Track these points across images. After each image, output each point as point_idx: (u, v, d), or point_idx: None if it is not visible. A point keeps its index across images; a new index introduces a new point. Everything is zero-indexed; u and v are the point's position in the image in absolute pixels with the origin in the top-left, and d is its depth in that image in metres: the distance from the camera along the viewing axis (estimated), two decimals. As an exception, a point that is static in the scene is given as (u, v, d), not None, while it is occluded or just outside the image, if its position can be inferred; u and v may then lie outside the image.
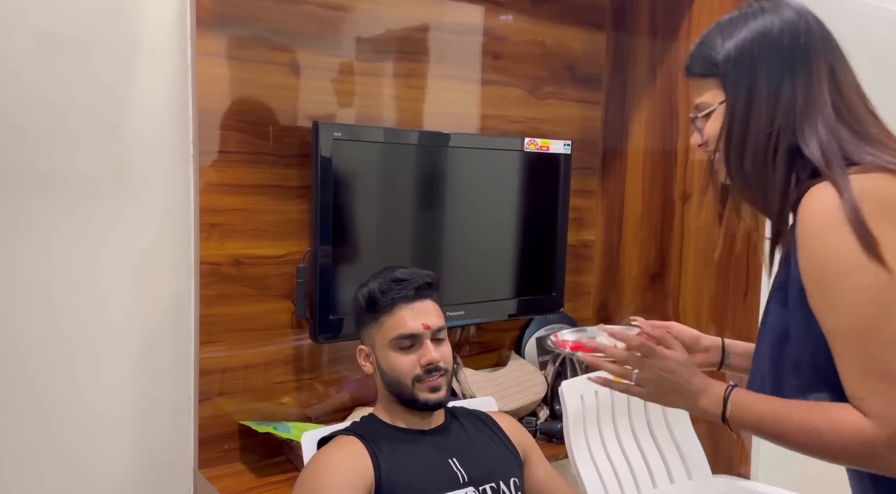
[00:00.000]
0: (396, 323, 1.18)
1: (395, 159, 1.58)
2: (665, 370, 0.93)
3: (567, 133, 1.96)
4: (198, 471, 1.43)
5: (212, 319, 1.43)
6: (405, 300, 1.19)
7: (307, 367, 1.58)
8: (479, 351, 1.90)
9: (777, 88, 0.87)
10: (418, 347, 1.18)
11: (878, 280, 0.77)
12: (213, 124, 1.41)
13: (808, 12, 0.90)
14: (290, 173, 1.50)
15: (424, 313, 1.20)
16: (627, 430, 1.63)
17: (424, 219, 1.65)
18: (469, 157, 1.69)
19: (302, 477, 1.12)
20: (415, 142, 1.62)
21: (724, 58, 0.90)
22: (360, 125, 1.56)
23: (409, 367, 1.18)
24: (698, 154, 1.78)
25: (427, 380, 1.17)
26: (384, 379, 1.21)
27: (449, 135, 1.68)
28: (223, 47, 1.41)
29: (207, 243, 1.41)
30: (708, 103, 0.93)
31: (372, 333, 1.22)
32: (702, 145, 0.96)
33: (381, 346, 1.20)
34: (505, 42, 1.82)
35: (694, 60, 0.95)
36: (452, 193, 1.69)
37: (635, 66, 1.92)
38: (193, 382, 1.43)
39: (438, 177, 1.67)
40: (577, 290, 2.06)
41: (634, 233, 1.95)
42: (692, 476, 1.64)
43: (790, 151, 0.86)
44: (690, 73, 0.96)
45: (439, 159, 1.66)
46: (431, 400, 1.18)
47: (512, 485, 1.21)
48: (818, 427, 0.80)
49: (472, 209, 1.71)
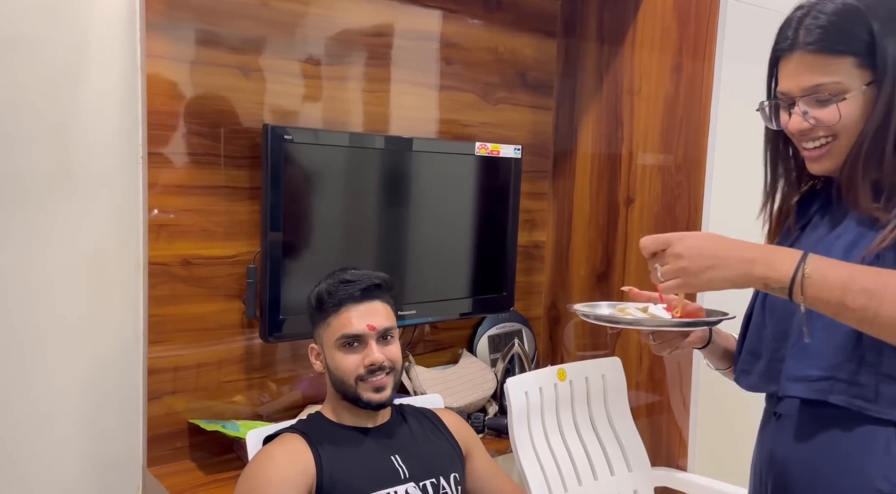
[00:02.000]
0: (341, 324, 1.21)
1: (346, 162, 1.61)
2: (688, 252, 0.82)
3: (519, 137, 2.01)
4: (146, 469, 1.44)
5: (161, 319, 1.44)
6: (352, 300, 1.22)
7: (258, 366, 1.60)
8: (432, 349, 1.95)
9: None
10: (362, 347, 1.21)
11: None
12: (163, 126, 1.43)
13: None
14: (241, 175, 1.52)
15: (371, 314, 1.23)
16: (571, 425, 1.69)
17: (376, 220, 1.69)
18: (421, 161, 1.73)
19: (244, 475, 1.15)
20: (367, 146, 1.65)
21: (879, 35, 0.82)
22: (310, 128, 1.59)
23: (352, 367, 1.21)
24: (641, 159, 1.85)
25: (370, 380, 1.20)
26: (331, 377, 1.24)
27: (400, 138, 1.71)
28: (173, 49, 1.42)
29: (156, 243, 1.43)
30: (843, 86, 0.85)
31: (321, 332, 1.25)
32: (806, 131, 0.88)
33: (329, 346, 1.23)
34: (457, 48, 1.86)
35: (829, 34, 0.84)
36: (405, 196, 1.72)
37: (584, 72, 1.98)
38: (142, 381, 1.45)
39: (391, 180, 1.70)
40: (529, 290, 2.12)
41: (583, 235, 2.01)
42: (632, 468, 1.70)
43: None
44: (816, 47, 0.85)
45: (391, 162, 1.69)
46: (374, 400, 1.21)
47: (452, 480, 1.26)
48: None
49: (425, 211, 1.75)
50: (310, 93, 1.62)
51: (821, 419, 0.88)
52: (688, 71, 1.71)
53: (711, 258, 0.82)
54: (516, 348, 1.91)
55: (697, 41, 1.69)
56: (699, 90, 1.69)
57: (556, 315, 2.11)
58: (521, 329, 2.08)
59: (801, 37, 0.86)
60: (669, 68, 1.75)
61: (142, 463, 1.45)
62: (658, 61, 1.78)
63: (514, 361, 1.90)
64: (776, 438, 0.94)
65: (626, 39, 1.86)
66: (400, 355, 1.26)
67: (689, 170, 1.72)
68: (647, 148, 1.83)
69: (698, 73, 1.69)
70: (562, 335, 2.09)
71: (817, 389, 0.87)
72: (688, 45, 1.71)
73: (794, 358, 0.90)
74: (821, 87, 0.86)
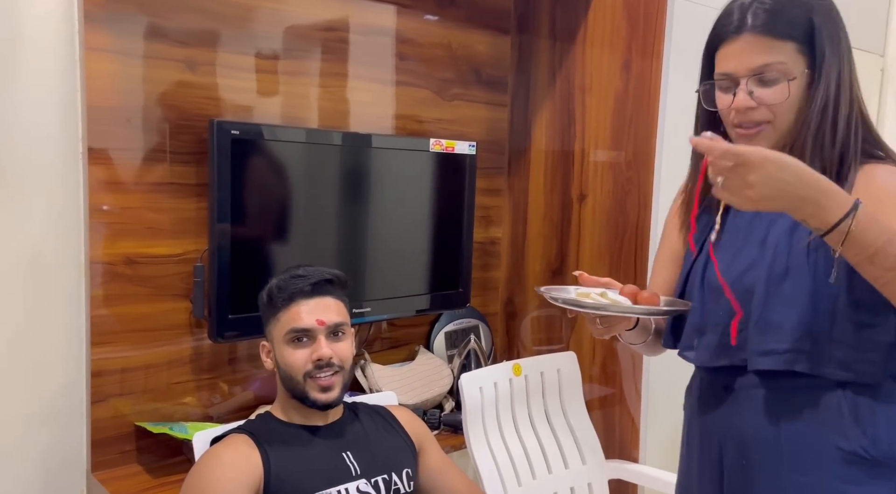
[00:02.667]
0: (290, 318, 1.20)
1: (296, 158, 1.59)
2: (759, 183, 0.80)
3: (475, 134, 2.01)
4: (90, 474, 1.40)
5: (104, 319, 1.40)
6: (302, 295, 1.20)
7: (208, 367, 1.57)
8: (389, 346, 1.94)
9: (851, 65, 0.90)
10: (311, 343, 1.20)
11: None
12: (104, 121, 1.39)
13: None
14: (188, 171, 1.49)
15: (321, 309, 1.21)
16: (526, 419, 1.70)
17: (330, 218, 1.67)
18: (375, 157, 1.72)
19: (189, 476, 1.13)
20: (318, 141, 1.63)
21: (819, 25, 0.88)
22: (258, 123, 1.56)
23: (301, 363, 1.19)
24: (593, 156, 1.87)
25: (318, 377, 1.19)
26: (280, 374, 1.22)
27: (353, 134, 1.70)
28: (114, 42, 1.38)
29: (98, 242, 1.39)
30: (785, 68, 0.90)
31: (271, 329, 1.23)
32: (750, 109, 0.92)
33: (278, 341, 1.21)
34: (411, 44, 1.86)
35: (774, 17, 0.90)
36: (358, 192, 1.71)
37: (537, 70, 1.99)
38: (86, 383, 1.41)
39: (343, 177, 1.69)
40: (486, 285, 2.13)
41: (538, 231, 2.03)
42: (586, 461, 1.72)
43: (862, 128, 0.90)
44: (763, 29, 0.90)
45: (343, 158, 1.68)
46: (321, 400, 1.19)
47: (404, 476, 1.25)
48: None
49: (380, 208, 1.74)
50: (260, 89, 1.60)
51: (782, 389, 0.94)
52: (637, 68, 1.74)
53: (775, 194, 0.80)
54: (472, 344, 1.92)
55: (646, 39, 1.71)
56: (648, 88, 1.71)
57: (512, 310, 2.12)
58: (478, 325, 2.09)
59: (749, 20, 0.91)
60: (619, 66, 1.78)
61: (86, 468, 1.42)
62: (608, 59, 1.80)
63: (470, 357, 1.91)
64: (733, 410, 0.99)
65: (577, 37, 1.87)
66: (350, 354, 1.24)
67: (638, 166, 1.75)
68: (598, 144, 1.85)
69: (647, 71, 1.71)
70: (518, 330, 2.11)
71: (785, 360, 0.92)
72: (637, 43, 1.73)
73: (758, 333, 0.94)
74: (768, 67, 0.90)
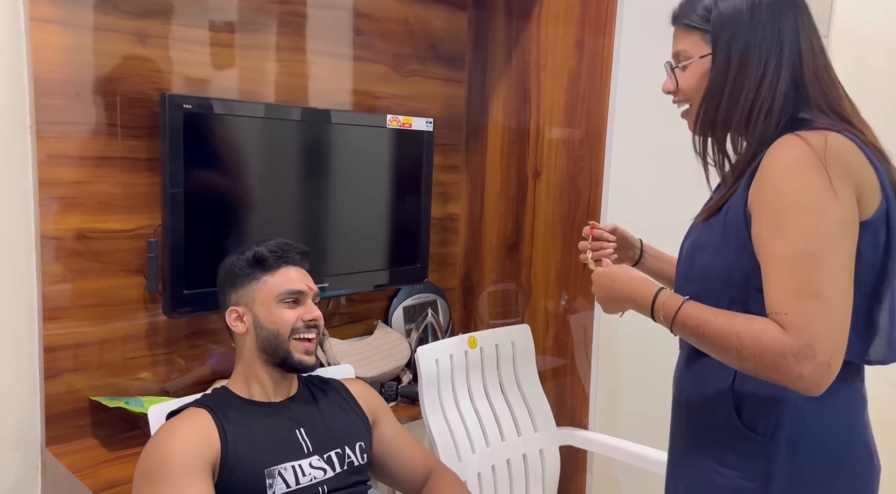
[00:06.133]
0: (285, 281, 1.26)
1: (250, 132, 1.59)
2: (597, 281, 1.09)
3: (432, 110, 2.03)
4: (45, 448, 1.41)
5: (56, 295, 1.40)
6: (292, 261, 1.29)
7: (164, 342, 1.58)
8: (348, 321, 1.96)
9: (768, 52, 0.94)
10: (301, 305, 1.27)
11: (836, 217, 0.88)
12: (52, 94, 1.37)
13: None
14: (139, 145, 1.48)
15: (307, 277, 1.30)
16: (480, 390, 1.75)
17: (284, 193, 1.67)
18: (332, 132, 1.72)
19: (146, 449, 1.14)
20: (273, 116, 1.62)
21: (716, 15, 0.96)
22: (211, 97, 1.55)
23: (292, 319, 1.25)
24: (548, 133, 1.91)
25: (305, 337, 1.25)
26: (260, 335, 1.25)
27: (306, 109, 1.70)
28: (60, 13, 1.36)
29: (48, 217, 1.37)
30: (688, 54, 1.00)
31: (251, 292, 1.26)
32: (670, 92, 1.04)
33: (264, 303, 1.25)
34: (368, 18, 1.85)
35: (685, 11, 1.00)
36: (315, 168, 1.72)
37: (494, 46, 2.01)
38: (38, 359, 1.40)
39: (298, 152, 1.69)
40: (444, 261, 2.16)
41: (494, 207, 2.06)
42: (538, 428, 1.79)
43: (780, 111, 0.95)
44: (678, 21, 1.01)
45: (298, 133, 1.68)
46: (304, 362, 1.25)
47: (357, 449, 1.29)
48: (739, 331, 0.89)
49: (337, 184, 1.75)
50: (214, 62, 1.58)
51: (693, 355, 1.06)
52: (589, 46, 1.77)
53: (608, 298, 1.08)
54: (430, 318, 1.96)
55: (598, 17, 1.74)
56: (600, 65, 1.75)
57: (469, 285, 2.16)
58: (436, 299, 2.12)
59: (674, 11, 1.04)
60: (573, 44, 1.80)
61: (41, 442, 1.42)
62: (563, 36, 1.83)
63: (427, 331, 1.95)
64: (676, 368, 1.12)
65: (532, 13, 1.89)
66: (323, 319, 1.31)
67: (591, 143, 1.79)
68: (553, 122, 1.88)
69: (599, 49, 1.74)
70: (476, 304, 2.15)
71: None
72: (589, 21, 1.76)
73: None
74: (677, 55, 1.02)
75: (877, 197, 0.92)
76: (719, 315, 0.92)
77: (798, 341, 0.85)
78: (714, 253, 0.98)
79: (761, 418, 0.96)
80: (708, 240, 1.00)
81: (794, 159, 0.89)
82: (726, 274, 0.96)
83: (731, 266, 0.96)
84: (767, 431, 0.96)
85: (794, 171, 0.89)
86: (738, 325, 0.89)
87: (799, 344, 0.85)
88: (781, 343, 0.86)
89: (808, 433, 0.95)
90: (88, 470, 1.35)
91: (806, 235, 0.87)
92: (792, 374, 0.85)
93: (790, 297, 0.87)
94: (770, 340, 0.86)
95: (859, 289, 0.91)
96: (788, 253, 0.88)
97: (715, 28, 0.97)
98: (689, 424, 1.06)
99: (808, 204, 0.88)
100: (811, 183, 0.88)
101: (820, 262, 0.87)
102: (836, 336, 0.86)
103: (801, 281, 0.87)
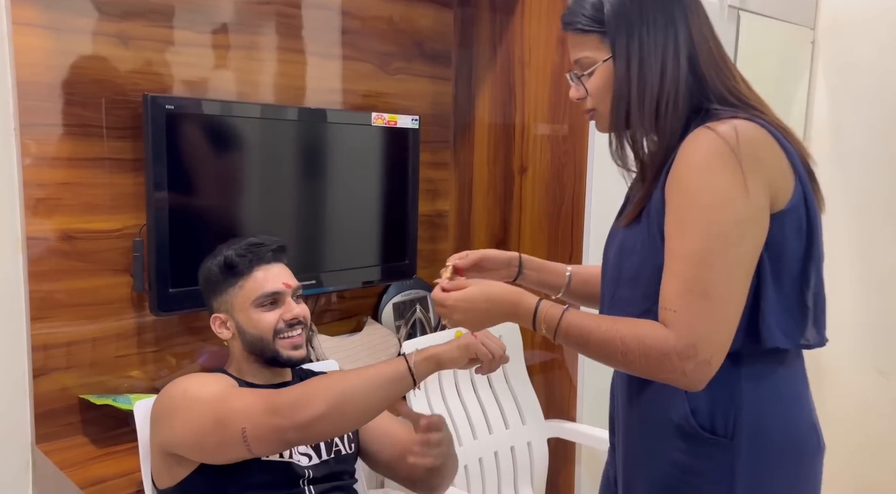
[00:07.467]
0: (258, 284, 1.23)
1: (233, 132, 1.60)
2: (463, 305, 1.00)
3: (420, 108, 2.04)
4: (35, 446, 1.43)
5: (43, 295, 1.42)
6: (264, 262, 1.25)
7: (153, 340, 1.59)
8: (338, 317, 1.98)
9: (664, 45, 0.93)
10: (280, 305, 1.25)
11: (735, 216, 0.87)
12: (36, 96, 1.38)
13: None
14: (124, 146, 1.50)
15: (284, 274, 1.27)
16: (468, 384, 1.76)
17: (268, 191, 1.69)
18: (315, 130, 1.74)
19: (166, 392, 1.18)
20: (255, 116, 1.64)
21: (608, 15, 0.94)
22: (194, 97, 1.57)
23: (271, 323, 1.23)
24: (533, 129, 1.92)
25: (289, 336, 1.24)
26: (245, 340, 1.25)
27: (291, 108, 1.71)
28: (43, 17, 1.37)
29: (34, 218, 1.39)
30: (591, 59, 0.97)
31: (229, 299, 1.25)
32: (581, 99, 1.01)
33: (243, 308, 1.24)
34: (352, 17, 1.86)
35: (574, 16, 0.97)
36: (300, 166, 1.73)
37: (479, 43, 2.02)
38: (27, 358, 1.42)
39: (283, 151, 1.70)
40: (434, 257, 2.17)
41: (482, 203, 2.07)
42: (526, 421, 1.80)
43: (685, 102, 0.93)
44: (571, 27, 0.98)
45: (282, 132, 1.69)
46: (294, 357, 1.25)
47: (345, 438, 1.31)
48: (623, 336, 0.89)
49: (324, 182, 1.77)
50: (199, 63, 1.60)
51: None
52: (573, 42, 1.78)
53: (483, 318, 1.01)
54: (418, 313, 1.97)
55: (580, 13, 1.75)
56: (582, 61, 1.76)
57: (459, 281, 2.17)
58: (425, 296, 2.14)
59: (565, 17, 1.00)
60: (555, 40, 1.81)
61: (30, 440, 1.44)
62: (545, 33, 1.84)
63: (415, 326, 1.96)
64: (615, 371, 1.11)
65: (516, 10, 1.90)
66: (309, 314, 1.30)
67: (574, 139, 1.80)
68: (537, 118, 1.89)
69: (582, 45, 1.75)
70: (465, 300, 2.16)
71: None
72: (572, 17, 1.77)
73: (613, 308, 1.02)
74: (578, 62, 0.99)
75: (790, 182, 0.91)
76: (601, 321, 0.93)
77: (682, 340, 0.86)
78: (643, 253, 0.96)
79: (718, 418, 0.94)
80: (635, 241, 0.98)
81: (705, 154, 0.88)
82: (658, 276, 0.93)
83: (661, 266, 0.93)
84: (727, 431, 0.94)
85: (704, 167, 0.88)
86: (623, 330, 0.90)
87: (683, 344, 0.86)
88: (666, 343, 0.87)
89: (765, 425, 0.94)
90: (77, 467, 1.37)
91: (703, 234, 0.87)
92: (676, 372, 0.87)
93: (680, 295, 0.87)
94: (655, 341, 0.87)
95: (789, 275, 0.91)
96: (684, 251, 0.88)
97: (609, 28, 0.95)
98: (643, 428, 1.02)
99: (709, 202, 0.87)
100: (719, 179, 0.87)
101: (713, 261, 0.86)
102: (719, 336, 0.87)
103: (692, 280, 0.87)
